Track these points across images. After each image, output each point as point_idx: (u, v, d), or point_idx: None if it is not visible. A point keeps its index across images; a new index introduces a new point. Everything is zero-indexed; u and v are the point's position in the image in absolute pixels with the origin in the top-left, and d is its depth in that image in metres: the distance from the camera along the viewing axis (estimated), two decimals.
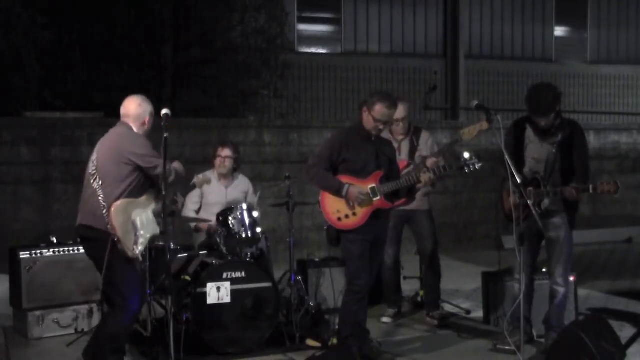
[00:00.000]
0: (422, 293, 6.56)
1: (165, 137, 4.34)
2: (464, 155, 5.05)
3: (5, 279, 6.16)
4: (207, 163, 6.67)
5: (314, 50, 14.04)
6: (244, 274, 5.32)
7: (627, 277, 8.46)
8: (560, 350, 4.50)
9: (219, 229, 5.72)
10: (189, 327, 5.10)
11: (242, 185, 6.41)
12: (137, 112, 4.66)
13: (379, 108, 4.91)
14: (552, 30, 15.75)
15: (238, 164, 6.40)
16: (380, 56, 14.29)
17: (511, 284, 5.47)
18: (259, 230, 5.75)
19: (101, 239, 4.42)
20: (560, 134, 5.08)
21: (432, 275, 6.22)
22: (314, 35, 14.11)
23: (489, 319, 6.03)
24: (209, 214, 6.13)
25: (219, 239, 5.67)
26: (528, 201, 4.64)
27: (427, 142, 6.11)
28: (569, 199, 4.98)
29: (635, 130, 12.56)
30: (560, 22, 15.83)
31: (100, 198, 4.43)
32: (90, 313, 5.88)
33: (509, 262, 5.49)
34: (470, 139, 5.33)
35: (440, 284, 6.29)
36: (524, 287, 4.84)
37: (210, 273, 5.29)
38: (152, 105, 4.76)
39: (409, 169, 5.65)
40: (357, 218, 4.94)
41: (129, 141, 4.53)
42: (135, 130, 4.65)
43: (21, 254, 5.79)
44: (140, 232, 4.50)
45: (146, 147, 4.53)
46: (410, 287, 6.81)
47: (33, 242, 6.50)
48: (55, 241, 6.02)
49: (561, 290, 5.20)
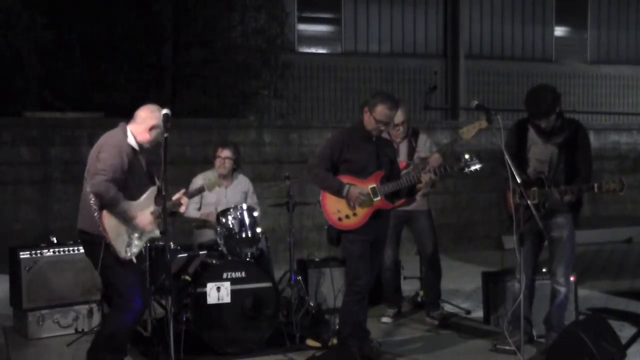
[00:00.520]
0: (422, 293, 6.56)
1: (165, 137, 4.34)
2: (464, 156, 5.05)
3: (5, 279, 6.16)
4: (207, 163, 6.67)
5: (314, 50, 14.04)
6: (244, 274, 5.32)
7: (627, 277, 8.46)
8: (560, 350, 4.50)
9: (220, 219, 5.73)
10: (189, 327, 5.10)
11: (242, 185, 6.42)
12: (141, 114, 4.59)
13: (381, 109, 4.91)
14: (552, 30, 15.75)
15: (238, 164, 6.41)
16: (380, 56, 14.28)
17: (511, 284, 5.47)
18: (259, 230, 5.75)
19: (94, 241, 4.42)
20: (562, 134, 5.09)
21: (432, 275, 6.22)
22: (314, 35, 14.10)
23: (489, 319, 6.03)
24: (209, 213, 6.14)
25: (219, 239, 5.68)
26: (529, 201, 4.64)
27: (425, 144, 6.11)
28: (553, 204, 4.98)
29: (635, 130, 12.56)
30: (560, 22, 15.82)
31: (92, 201, 4.41)
32: (90, 313, 5.88)
33: (511, 262, 5.49)
34: (469, 137, 5.34)
35: (441, 284, 6.29)
36: (524, 287, 4.84)
37: (210, 273, 5.29)
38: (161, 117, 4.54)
39: (409, 169, 5.65)
40: (357, 218, 4.94)
41: (103, 142, 4.48)
42: (136, 135, 4.55)
43: (21, 254, 5.79)
44: (135, 234, 4.48)
45: (108, 156, 4.38)
46: (410, 287, 6.81)
47: (33, 242, 6.50)
48: (55, 241, 6.02)
49: (562, 290, 5.20)
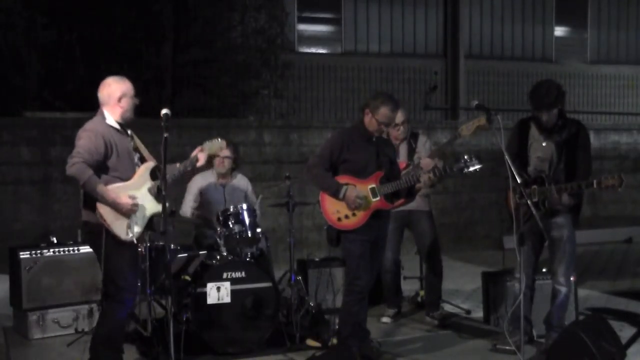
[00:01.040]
0: (422, 293, 6.56)
1: (165, 137, 4.33)
2: (463, 157, 5.04)
3: (5, 279, 6.16)
4: (207, 163, 6.66)
5: (314, 50, 14.04)
6: (244, 274, 5.32)
7: (627, 277, 8.46)
8: (560, 350, 4.50)
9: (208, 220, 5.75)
10: (189, 327, 5.10)
11: (240, 184, 6.42)
12: (103, 93, 4.54)
13: (384, 111, 4.91)
14: (552, 30, 15.75)
15: (237, 164, 6.41)
16: (380, 56, 14.29)
17: (511, 284, 5.47)
18: (259, 230, 5.75)
19: (94, 231, 4.42)
20: (564, 132, 5.09)
21: (433, 275, 6.22)
22: (314, 35, 14.10)
23: (489, 319, 6.03)
24: (208, 213, 6.14)
25: (218, 239, 5.68)
26: (529, 201, 4.64)
27: (424, 145, 6.12)
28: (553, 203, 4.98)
29: (635, 130, 12.56)
30: (560, 22, 15.83)
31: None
32: (90, 313, 5.88)
33: (511, 262, 5.49)
34: (468, 134, 5.34)
35: (441, 285, 6.29)
36: (524, 287, 4.84)
37: (210, 273, 5.29)
38: (127, 84, 4.57)
39: (409, 169, 5.66)
40: (357, 218, 4.93)
41: (80, 130, 4.46)
42: (113, 115, 4.52)
43: (21, 254, 5.79)
44: (135, 213, 4.45)
45: (83, 141, 4.35)
46: (410, 287, 6.81)
47: (33, 242, 6.50)
48: (55, 241, 6.02)
49: (563, 290, 5.20)
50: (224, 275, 5.26)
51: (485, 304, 6.09)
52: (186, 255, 5.80)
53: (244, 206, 5.80)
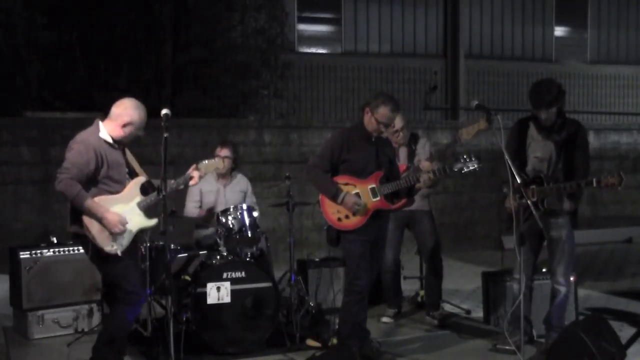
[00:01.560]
0: (422, 293, 6.56)
1: (165, 137, 4.33)
2: (463, 156, 5.04)
3: (5, 279, 6.16)
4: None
5: (314, 50, 14.05)
6: (244, 274, 5.32)
7: (627, 277, 8.46)
8: (560, 350, 4.50)
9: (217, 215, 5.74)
10: (189, 327, 5.10)
11: (241, 184, 6.42)
12: (115, 111, 4.52)
13: (383, 111, 4.91)
14: (552, 30, 15.76)
15: (237, 164, 6.41)
16: (380, 56, 14.29)
17: (511, 284, 5.47)
18: (259, 230, 5.75)
19: (85, 241, 4.44)
20: (562, 132, 5.09)
21: (433, 276, 6.22)
22: (314, 35, 14.11)
23: (489, 319, 6.03)
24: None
25: (218, 239, 5.68)
26: (529, 201, 4.64)
27: (424, 147, 6.11)
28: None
29: (635, 130, 12.56)
30: (560, 22, 15.83)
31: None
32: (90, 313, 5.88)
33: (510, 262, 5.49)
34: (469, 138, 5.33)
35: (442, 285, 6.29)
36: (524, 287, 4.84)
37: (210, 273, 5.29)
38: (140, 116, 4.51)
39: (409, 172, 5.65)
40: (357, 218, 4.93)
41: (72, 140, 4.46)
42: (111, 131, 4.50)
43: (21, 254, 5.79)
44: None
45: (73, 154, 4.36)
46: (410, 287, 6.81)
47: (33, 242, 6.50)
48: (55, 241, 6.02)
49: (562, 290, 5.20)
50: (224, 275, 5.26)
51: (485, 304, 6.09)
52: (186, 255, 5.80)
53: (244, 206, 5.80)
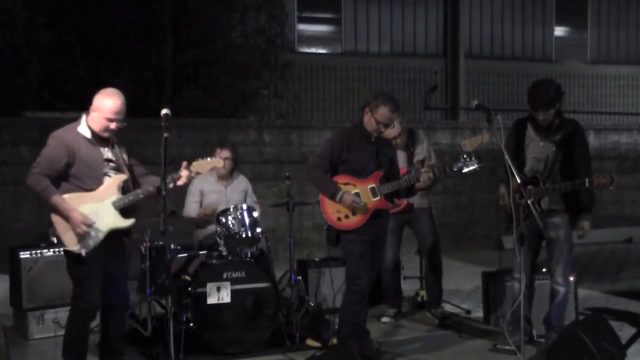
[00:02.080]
0: (422, 293, 6.57)
1: (165, 137, 4.33)
2: (462, 156, 5.04)
3: (5, 279, 6.16)
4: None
5: (314, 50, 14.04)
6: (244, 274, 5.32)
7: (627, 277, 8.46)
8: (560, 350, 4.50)
9: (219, 217, 5.73)
10: (189, 327, 5.10)
11: (241, 185, 6.43)
12: (94, 103, 4.43)
13: (383, 111, 4.91)
14: (552, 30, 15.75)
15: (237, 164, 6.42)
16: (380, 56, 14.28)
17: (511, 284, 5.47)
18: (259, 230, 5.75)
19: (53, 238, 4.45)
20: (560, 132, 5.09)
21: (433, 274, 6.22)
22: (314, 35, 14.10)
23: (489, 319, 6.03)
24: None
25: (218, 239, 5.68)
26: (528, 200, 4.64)
27: (422, 145, 6.11)
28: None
29: (635, 130, 12.56)
30: (560, 22, 15.83)
31: None
32: None
33: (509, 262, 5.49)
34: (470, 150, 5.31)
35: (442, 283, 6.29)
36: (524, 287, 4.84)
37: (210, 273, 5.29)
38: (111, 105, 4.37)
39: (409, 176, 5.63)
40: (357, 218, 4.94)
41: (51, 135, 4.45)
42: (92, 125, 4.42)
43: (21, 254, 5.79)
44: (89, 232, 4.35)
45: (47, 149, 4.36)
46: (410, 287, 6.81)
47: (33, 242, 6.50)
48: (56, 241, 6.00)
49: (562, 290, 5.20)
50: (224, 275, 5.26)
51: (485, 304, 6.09)
52: (186, 255, 5.80)
53: (244, 206, 5.80)
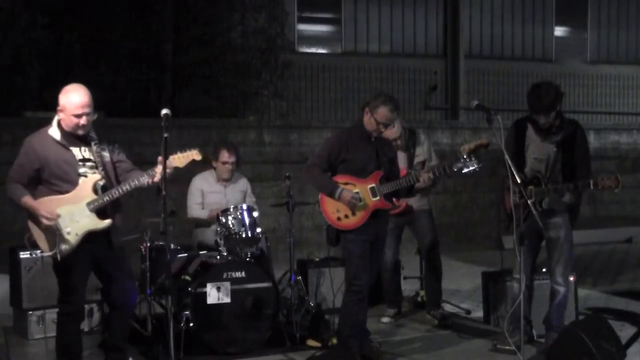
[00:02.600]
0: (422, 293, 6.56)
1: (165, 137, 4.33)
2: (463, 156, 5.04)
3: (5, 279, 6.16)
4: (207, 163, 6.66)
5: (314, 50, 14.04)
6: (244, 274, 5.32)
7: (627, 277, 8.46)
8: (560, 350, 4.50)
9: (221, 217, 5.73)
10: (189, 327, 5.10)
11: (241, 184, 6.43)
12: (60, 101, 4.35)
13: (383, 111, 4.91)
14: (552, 30, 15.76)
15: (238, 166, 6.42)
16: (380, 56, 14.29)
17: (511, 284, 5.47)
18: (259, 230, 5.75)
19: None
20: (561, 133, 5.09)
21: (433, 274, 6.22)
22: (314, 35, 14.10)
23: (489, 319, 6.03)
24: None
25: (218, 239, 5.68)
26: (528, 201, 4.64)
27: (423, 146, 6.11)
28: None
29: (635, 130, 12.57)
30: (560, 22, 15.83)
31: None
32: (91, 313, 5.86)
33: (509, 262, 5.49)
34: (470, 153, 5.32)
35: (441, 284, 6.29)
36: (524, 287, 4.84)
37: (210, 273, 5.29)
38: (73, 100, 4.31)
39: (409, 177, 5.64)
40: (357, 218, 4.93)
41: (25, 140, 4.44)
42: (64, 125, 4.38)
43: (21, 254, 5.79)
44: (65, 229, 4.30)
45: (19, 156, 4.36)
46: (410, 287, 6.81)
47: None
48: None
49: (562, 290, 5.20)
50: (224, 275, 5.26)
51: (485, 304, 6.08)
52: (186, 255, 5.80)
53: (244, 206, 5.80)
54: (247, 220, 5.68)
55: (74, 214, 4.32)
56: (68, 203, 4.32)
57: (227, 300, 5.24)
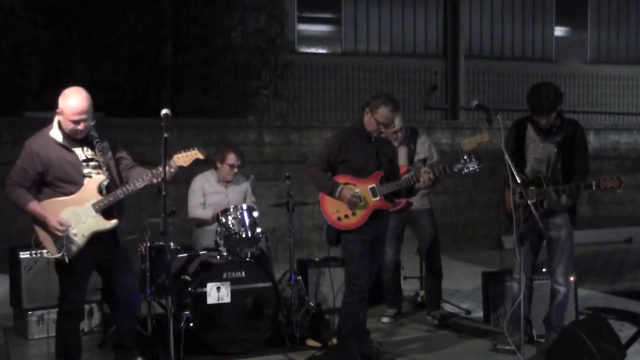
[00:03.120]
0: (422, 293, 6.57)
1: (165, 137, 4.33)
2: (463, 157, 5.04)
3: (5, 279, 6.16)
4: (207, 163, 6.66)
5: (314, 50, 14.03)
6: (244, 274, 5.32)
7: (627, 277, 8.46)
8: (560, 350, 4.50)
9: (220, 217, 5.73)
10: (189, 327, 5.10)
11: (241, 185, 6.43)
12: (59, 104, 4.35)
13: (383, 111, 4.92)
14: (552, 30, 15.74)
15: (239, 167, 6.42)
16: (380, 56, 14.28)
17: (511, 284, 5.47)
18: (259, 230, 5.76)
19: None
20: (561, 133, 5.10)
21: (433, 275, 6.23)
22: (314, 35, 14.09)
23: (489, 319, 6.03)
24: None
25: (218, 239, 5.68)
26: (529, 201, 4.65)
27: (424, 145, 6.11)
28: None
29: (635, 130, 12.56)
30: (560, 22, 15.82)
31: None
32: (91, 313, 5.87)
33: (509, 262, 5.49)
34: (470, 149, 5.31)
35: (441, 284, 6.29)
36: (524, 287, 4.84)
37: (210, 273, 5.29)
38: (72, 105, 4.31)
39: (409, 174, 5.64)
40: (356, 218, 4.94)
41: (25, 142, 4.43)
42: (64, 127, 4.37)
43: (21, 254, 5.79)
44: (72, 231, 4.32)
45: (19, 158, 4.35)
46: (410, 287, 6.81)
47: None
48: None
49: (562, 290, 5.20)
50: (224, 275, 5.26)
51: (485, 304, 6.09)
52: (186, 255, 5.80)
53: (244, 206, 5.80)
54: (247, 220, 5.68)
55: (79, 215, 4.34)
56: (73, 204, 4.34)
57: (227, 300, 5.24)
